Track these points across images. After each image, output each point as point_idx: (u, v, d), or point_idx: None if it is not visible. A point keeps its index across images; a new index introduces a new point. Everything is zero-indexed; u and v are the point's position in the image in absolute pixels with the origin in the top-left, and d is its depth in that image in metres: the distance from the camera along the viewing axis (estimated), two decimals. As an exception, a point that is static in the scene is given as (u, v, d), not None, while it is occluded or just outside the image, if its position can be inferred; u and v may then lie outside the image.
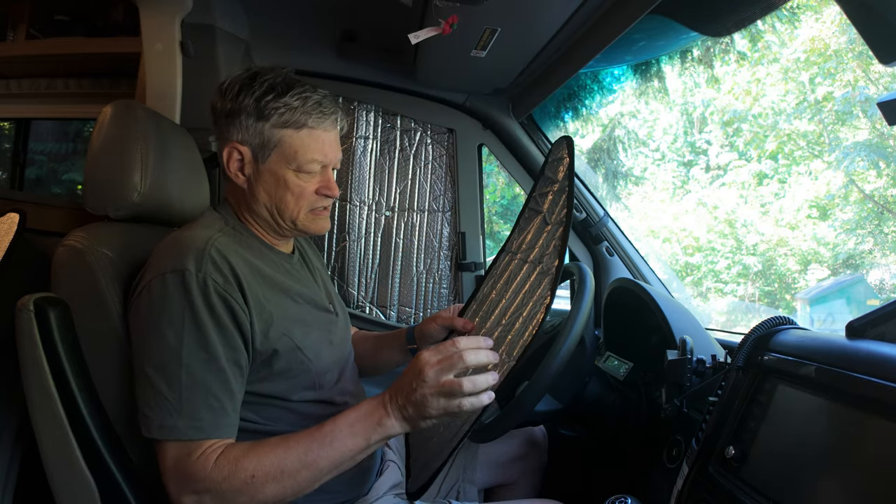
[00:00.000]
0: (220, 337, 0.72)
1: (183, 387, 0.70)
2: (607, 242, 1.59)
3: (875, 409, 0.56)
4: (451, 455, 0.77)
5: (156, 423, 0.70)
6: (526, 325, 0.78)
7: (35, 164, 2.41)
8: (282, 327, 0.79)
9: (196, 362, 0.71)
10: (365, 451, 0.72)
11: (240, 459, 0.70)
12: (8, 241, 1.03)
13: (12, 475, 0.95)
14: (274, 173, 0.82)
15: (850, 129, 6.63)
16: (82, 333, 0.80)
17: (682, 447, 0.86)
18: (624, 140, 6.31)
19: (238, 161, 0.83)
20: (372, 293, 1.61)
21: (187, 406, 0.70)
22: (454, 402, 0.69)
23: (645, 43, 1.34)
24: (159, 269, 0.74)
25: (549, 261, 0.81)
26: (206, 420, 0.71)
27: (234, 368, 0.74)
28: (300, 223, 0.85)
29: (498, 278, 0.93)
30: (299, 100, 0.80)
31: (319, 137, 0.83)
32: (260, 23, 1.36)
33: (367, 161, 1.60)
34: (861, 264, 6.31)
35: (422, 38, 1.01)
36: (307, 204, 0.85)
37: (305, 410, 0.83)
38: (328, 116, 0.83)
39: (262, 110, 0.80)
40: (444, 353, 0.70)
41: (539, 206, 0.92)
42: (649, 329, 1.12)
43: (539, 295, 0.78)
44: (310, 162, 0.82)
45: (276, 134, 0.81)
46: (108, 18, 1.72)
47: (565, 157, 0.89)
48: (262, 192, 0.83)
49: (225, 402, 0.73)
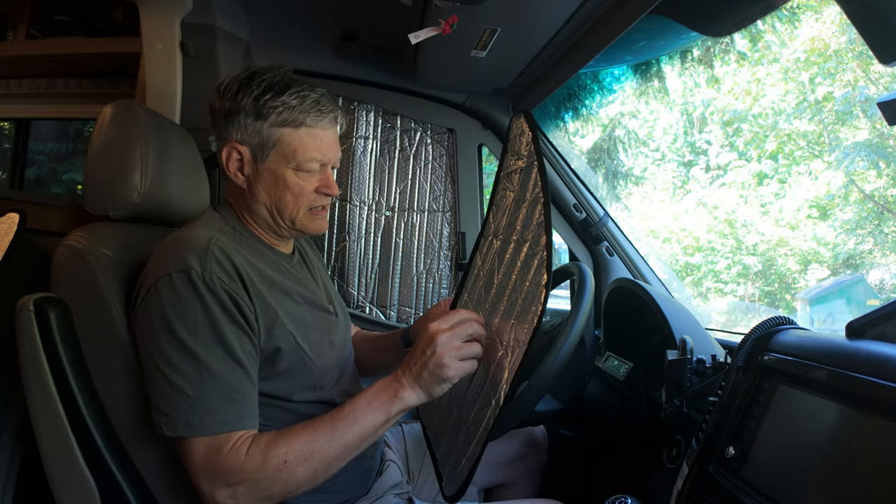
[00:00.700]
0: (233, 331, 0.73)
1: (203, 383, 0.71)
2: (607, 242, 1.59)
3: (875, 409, 0.56)
4: (484, 447, 0.76)
5: (180, 421, 0.70)
6: (527, 307, 0.75)
7: (35, 164, 2.41)
8: (285, 326, 0.79)
9: (213, 358, 0.72)
10: (385, 424, 0.75)
11: (270, 447, 0.71)
12: (8, 241, 1.03)
13: (12, 475, 0.95)
14: (273, 172, 0.82)
15: (850, 129, 6.63)
16: (82, 333, 0.80)
17: (682, 447, 0.86)
18: (624, 140, 6.31)
19: (237, 161, 0.83)
20: (372, 293, 1.61)
21: (209, 402, 0.71)
22: (467, 364, 0.74)
23: (645, 43, 1.34)
24: (164, 270, 0.73)
25: (534, 239, 0.77)
26: (230, 413, 0.71)
27: (250, 360, 0.75)
28: (299, 223, 0.85)
29: (483, 264, 0.92)
30: (297, 98, 0.80)
31: (318, 136, 0.83)
32: (260, 23, 1.35)
33: (367, 161, 1.60)
34: (861, 264, 6.31)
35: (422, 38, 1.01)
36: (306, 203, 0.85)
37: (305, 411, 0.83)
38: (326, 115, 0.83)
39: (261, 109, 0.80)
40: (452, 320, 0.75)
41: (511, 183, 0.89)
42: (649, 329, 1.12)
43: (533, 279, 0.75)
44: (309, 161, 0.82)
45: (275, 133, 0.81)
46: (108, 18, 1.72)
47: (526, 131, 0.86)
48: (261, 191, 0.83)
49: (246, 393, 0.74)
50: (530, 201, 0.80)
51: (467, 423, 0.80)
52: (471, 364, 0.74)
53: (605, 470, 1.18)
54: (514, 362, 0.73)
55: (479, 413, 0.77)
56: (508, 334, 0.76)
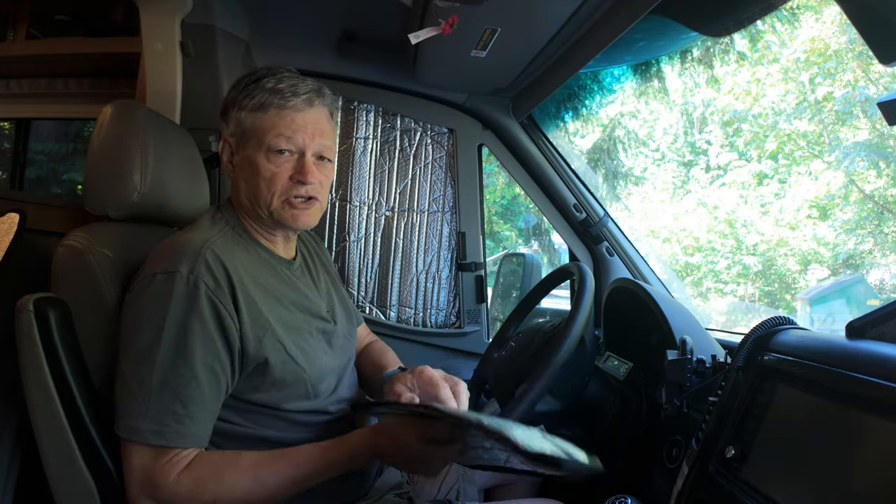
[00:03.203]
0: (200, 341, 0.71)
1: (152, 388, 0.69)
2: (607, 242, 1.59)
3: (875, 409, 0.56)
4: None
5: (123, 422, 0.70)
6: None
7: (35, 164, 2.40)
8: (276, 335, 0.78)
9: (168, 364, 0.70)
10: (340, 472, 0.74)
11: (206, 480, 0.69)
12: (8, 241, 1.03)
13: (12, 475, 0.95)
14: (249, 159, 0.82)
15: (850, 129, 6.64)
16: (82, 333, 0.80)
17: (682, 447, 0.86)
18: (624, 140, 6.31)
19: (228, 153, 0.85)
20: (372, 293, 1.61)
21: (153, 409, 0.69)
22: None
23: (645, 43, 1.34)
24: (152, 269, 0.73)
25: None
26: (170, 427, 0.69)
27: (209, 375, 0.72)
28: (276, 213, 0.82)
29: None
30: (272, 81, 0.80)
31: (287, 115, 0.80)
32: (260, 23, 1.35)
33: (367, 161, 1.60)
34: (861, 264, 6.32)
35: (422, 38, 1.01)
36: (280, 191, 0.81)
37: (297, 419, 0.82)
38: (300, 96, 0.81)
39: (242, 100, 0.81)
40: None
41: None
42: (649, 329, 1.12)
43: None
44: (276, 138, 0.79)
45: (250, 119, 0.81)
46: (108, 18, 1.72)
47: None
48: (241, 180, 0.83)
49: (193, 410, 0.70)
50: None
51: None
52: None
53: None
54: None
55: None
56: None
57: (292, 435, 0.81)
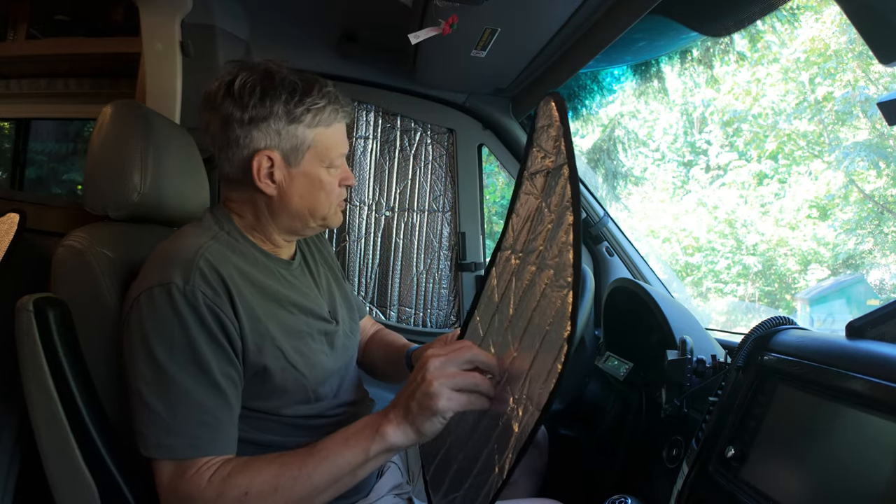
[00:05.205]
0: (211, 350, 0.70)
1: (176, 404, 0.69)
2: (607, 242, 1.59)
3: (875, 409, 0.56)
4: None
5: (153, 443, 0.69)
6: (545, 361, 0.61)
7: (35, 164, 2.40)
8: (275, 340, 0.77)
9: (188, 378, 0.69)
10: (365, 464, 0.68)
11: (233, 476, 0.68)
12: (8, 241, 1.03)
13: (12, 475, 0.95)
14: (308, 174, 0.80)
15: (850, 129, 6.64)
16: (82, 333, 0.80)
17: (682, 447, 0.86)
18: (624, 140, 6.30)
19: (268, 168, 0.79)
20: (372, 293, 1.61)
21: (182, 424, 0.69)
22: (463, 397, 0.65)
23: (645, 43, 1.34)
24: (146, 283, 0.72)
25: (558, 268, 0.62)
26: (202, 437, 0.69)
27: (228, 383, 0.71)
28: (328, 219, 0.85)
29: (497, 285, 0.79)
30: (324, 97, 0.80)
31: (340, 130, 0.83)
32: (260, 23, 1.36)
33: (367, 161, 1.60)
34: (861, 264, 6.32)
35: (422, 38, 1.01)
36: (336, 198, 0.85)
37: (297, 423, 0.81)
38: (343, 108, 0.83)
39: (293, 113, 0.77)
40: (449, 348, 0.69)
41: (534, 187, 0.73)
42: (649, 329, 1.12)
43: (553, 325, 0.61)
44: (339, 156, 0.83)
45: (310, 134, 0.79)
46: (108, 18, 1.72)
47: (556, 121, 0.69)
48: (294, 195, 0.80)
49: (221, 417, 0.71)
50: (557, 215, 0.65)
51: (466, 485, 0.71)
52: (467, 398, 0.65)
53: (605, 470, 1.18)
54: (524, 426, 0.61)
55: (479, 477, 0.68)
56: (522, 386, 0.64)
57: (294, 439, 0.80)
